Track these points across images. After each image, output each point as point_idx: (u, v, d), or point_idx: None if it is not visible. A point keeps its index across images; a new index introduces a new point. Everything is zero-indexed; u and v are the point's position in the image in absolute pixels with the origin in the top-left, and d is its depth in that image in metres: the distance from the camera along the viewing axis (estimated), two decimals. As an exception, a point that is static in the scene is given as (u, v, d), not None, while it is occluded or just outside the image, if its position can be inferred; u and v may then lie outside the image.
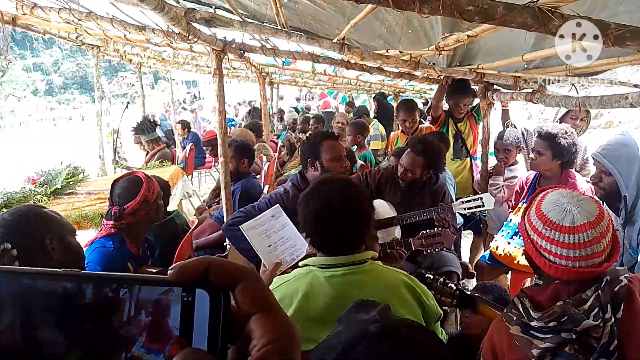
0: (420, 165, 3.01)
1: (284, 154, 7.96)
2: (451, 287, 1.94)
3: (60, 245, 1.70)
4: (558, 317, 1.29)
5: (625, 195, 2.13)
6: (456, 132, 4.29)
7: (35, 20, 3.79)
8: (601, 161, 2.19)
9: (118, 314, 0.35)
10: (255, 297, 0.37)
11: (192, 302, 0.36)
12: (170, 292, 0.36)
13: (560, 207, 1.38)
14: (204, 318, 0.35)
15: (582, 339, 1.28)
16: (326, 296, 1.56)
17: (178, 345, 0.35)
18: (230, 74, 8.45)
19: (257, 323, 0.36)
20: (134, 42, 4.80)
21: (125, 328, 0.35)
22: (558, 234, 1.35)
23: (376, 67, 4.06)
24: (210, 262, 0.37)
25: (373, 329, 0.80)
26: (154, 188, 2.40)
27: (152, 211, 2.40)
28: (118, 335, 0.35)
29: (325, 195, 1.67)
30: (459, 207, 2.98)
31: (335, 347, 0.82)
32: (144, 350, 0.35)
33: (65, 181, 4.27)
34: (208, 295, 0.36)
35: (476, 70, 3.39)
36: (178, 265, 0.36)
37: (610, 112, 10.09)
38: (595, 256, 1.32)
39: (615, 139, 2.27)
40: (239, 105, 16.52)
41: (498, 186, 3.71)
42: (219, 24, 2.65)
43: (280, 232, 2.32)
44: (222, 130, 3.21)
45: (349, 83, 8.62)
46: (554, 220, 1.37)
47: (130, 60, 7.01)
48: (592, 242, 1.31)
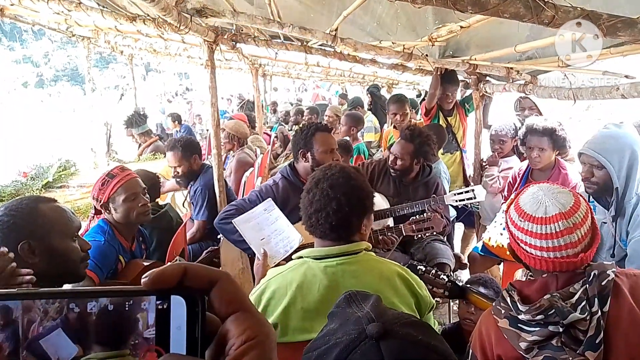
0: (410, 152, 3.02)
1: (278, 146, 7.95)
2: (443, 278, 1.95)
3: (41, 249, 1.59)
4: (545, 310, 1.31)
5: (617, 187, 2.14)
6: (447, 125, 4.28)
7: (24, 11, 3.74)
8: (592, 155, 2.20)
9: (88, 328, 0.34)
10: (231, 299, 0.37)
11: (168, 309, 0.36)
12: (144, 301, 0.35)
13: (535, 199, 1.41)
14: (180, 323, 0.35)
15: (569, 331, 1.30)
16: (321, 286, 1.57)
17: (155, 354, 0.35)
18: (223, 65, 8.40)
19: (234, 323, 0.36)
20: (125, 34, 4.75)
21: (96, 340, 0.34)
22: (531, 225, 1.38)
23: (369, 59, 4.05)
24: (185, 268, 0.37)
25: (371, 331, 0.79)
26: (106, 188, 2.27)
27: (115, 211, 2.29)
28: (89, 345, 0.34)
29: (329, 181, 1.67)
30: (451, 199, 3.00)
31: (332, 348, 0.81)
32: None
33: (57, 174, 4.26)
34: (184, 300, 0.36)
35: (469, 62, 3.39)
36: (152, 274, 0.36)
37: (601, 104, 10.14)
38: (570, 247, 1.33)
39: (601, 133, 2.28)
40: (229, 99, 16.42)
41: (493, 177, 3.73)
42: (211, 14, 2.63)
43: (273, 225, 2.33)
44: (215, 122, 3.19)
45: (343, 75, 8.59)
46: (528, 212, 1.40)
47: (122, 52, 6.95)
48: (563, 232, 1.33)
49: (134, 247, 2.43)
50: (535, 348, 1.32)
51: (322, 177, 1.69)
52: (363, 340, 0.79)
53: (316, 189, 1.67)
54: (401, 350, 0.77)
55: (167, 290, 0.36)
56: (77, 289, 0.37)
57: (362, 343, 0.79)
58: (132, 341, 0.35)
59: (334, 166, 1.76)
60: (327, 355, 0.80)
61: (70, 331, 0.34)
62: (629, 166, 2.12)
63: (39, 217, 1.64)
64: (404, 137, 3.04)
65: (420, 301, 1.66)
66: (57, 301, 0.34)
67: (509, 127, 3.73)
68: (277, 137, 7.94)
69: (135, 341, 0.35)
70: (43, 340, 0.34)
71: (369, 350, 0.77)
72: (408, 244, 3.06)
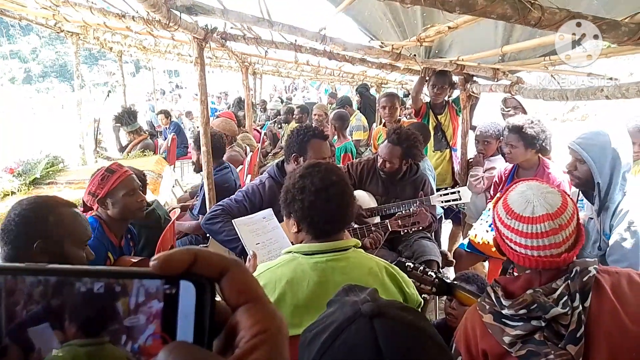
0: (398, 155, 3.04)
1: (267, 144, 7.96)
2: (431, 275, 1.97)
3: (54, 252, 1.59)
4: (528, 305, 1.34)
5: (599, 182, 2.19)
6: (437, 123, 4.31)
7: (11, 5, 3.71)
8: (576, 149, 2.26)
9: (94, 308, 0.33)
10: (242, 288, 0.35)
11: (176, 294, 0.34)
12: (151, 285, 0.34)
13: (524, 199, 1.43)
14: (189, 311, 0.34)
15: (551, 326, 1.33)
16: (310, 282, 1.58)
17: (160, 340, 0.33)
18: (213, 63, 8.38)
19: (245, 314, 0.34)
20: (114, 30, 4.72)
21: (112, 322, 0.33)
22: (518, 224, 1.41)
23: (358, 58, 4.07)
24: (195, 253, 0.35)
25: (366, 309, 0.83)
26: (106, 183, 2.28)
27: (112, 206, 2.30)
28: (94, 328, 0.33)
29: (317, 177, 1.68)
30: (436, 200, 3.04)
31: (328, 326, 0.85)
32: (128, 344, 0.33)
33: (45, 171, 4.21)
34: (194, 286, 0.34)
35: (456, 62, 3.42)
36: (161, 257, 0.34)
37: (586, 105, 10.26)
38: (554, 247, 1.36)
39: (590, 129, 2.33)
40: (218, 98, 16.36)
41: (478, 177, 3.77)
42: (200, 12, 2.63)
43: (269, 233, 2.37)
44: (204, 120, 3.18)
45: (332, 74, 8.61)
46: (516, 211, 1.42)
47: (111, 49, 6.91)
48: (548, 233, 1.36)
49: (122, 243, 2.43)
50: (519, 342, 1.35)
51: (312, 176, 1.69)
52: (357, 318, 0.82)
53: (308, 189, 1.67)
54: (393, 328, 0.81)
55: (176, 275, 0.34)
56: (84, 268, 0.34)
57: (357, 321, 0.82)
58: (111, 328, 0.33)
59: (320, 164, 1.77)
60: (324, 332, 0.83)
61: (52, 315, 0.33)
62: (611, 163, 2.16)
63: (58, 221, 1.64)
64: (392, 141, 3.04)
65: (408, 298, 1.69)
66: (42, 283, 0.33)
67: (493, 127, 3.78)
68: (267, 135, 7.95)
69: (114, 327, 0.33)
70: (30, 329, 0.33)
71: (362, 327, 0.81)
72: (396, 241, 3.08)
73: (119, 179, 2.31)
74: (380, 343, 0.78)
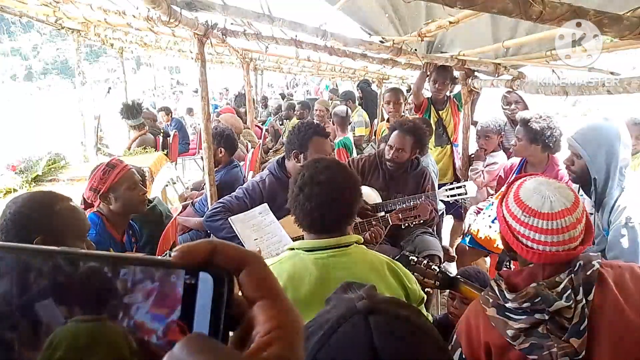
0: (411, 143, 3.04)
1: (269, 140, 7.96)
2: (434, 269, 1.97)
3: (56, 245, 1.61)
4: (531, 298, 1.34)
5: (595, 178, 2.18)
6: (438, 119, 4.30)
7: (11, 2, 3.71)
8: (572, 144, 2.25)
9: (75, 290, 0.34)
10: (260, 283, 0.36)
11: (195, 285, 0.34)
12: (172, 274, 0.34)
13: (539, 194, 1.41)
14: (206, 302, 0.34)
15: (555, 319, 1.33)
16: (311, 278, 1.58)
17: (178, 329, 0.34)
18: (214, 59, 8.37)
19: (262, 309, 0.34)
20: (115, 27, 4.72)
21: (128, 296, 0.34)
22: (537, 221, 1.38)
23: (359, 54, 4.06)
24: (215, 246, 0.35)
25: (361, 305, 0.82)
26: (107, 178, 2.28)
27: (115, 200, 2.30)
28: (117, 302, 0.34)
29: (319, 173, 1.67)
30: (442, 195, 3.03)
31: (323, 324, 0.85)
32: (149, 315, 0.34)
33: (47, 168, 4.22)
34: (212, 278, 0.34)
35: (457, 57, 3.42)
36: (182, 247, 0.35)
37: (588, 100, 10.23)
38: (572, 241, 1.36)
39: (588, 124, 2.32)
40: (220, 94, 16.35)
41: (478, 171, 3.77)
42: (200, 7, 2.62)
43: (267, 228, 2.38)
44: (205, 117, 3.18)
45: (333, 69, 8.61)
46: (533, 207, 1.40)
47: (112, 45, 6.89)
48: (569, 227, 1.35)
49: (124, 239, 2.44)
50: (522, 335, 1.35)
51: (315, 172, 1.68)
52: (353, 314, 0.82)
53: (313, 185, 1.66)
54: (388, 325, 0.80)
55: (196, 266, 0.35)
56: (111, 254, 0.35)
57: (352, 317, 0.82)
58: (111, 305, 0.34)
59: (324, 159, 1.77)
60: (319, 330, 0.83)
61: (58, 292, 0.34)
62: (607, 159, 2.15)
63: (57, 215, 1.64)
64: (404, 131, 3.03)
65: (410, 294, 1.68)
66: (51, 261, 0.34)
67: (494, 123, 3.77)
68: (269, 131, 7.94)
69: (113, 303, 0.34)
70: (38, 304, 0.34)
71: (357, 324, 0.80)
72: (398, 237, 3.08)
73: (120, 173, 2.31)
74: (375, 339, 0.77)
